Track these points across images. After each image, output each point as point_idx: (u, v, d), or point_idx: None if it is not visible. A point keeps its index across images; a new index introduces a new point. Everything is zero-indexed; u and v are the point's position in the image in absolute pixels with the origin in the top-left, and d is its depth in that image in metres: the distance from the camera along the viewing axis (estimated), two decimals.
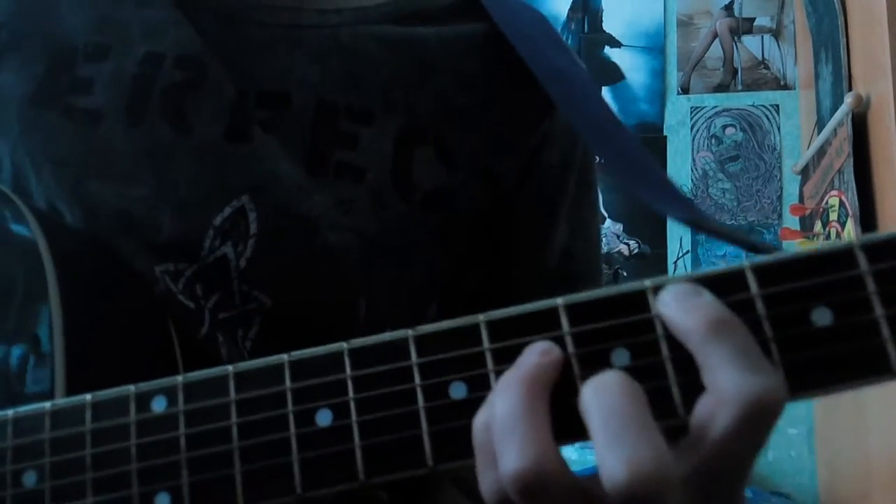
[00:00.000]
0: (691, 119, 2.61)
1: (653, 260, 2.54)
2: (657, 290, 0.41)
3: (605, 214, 2.56)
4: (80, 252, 0.57)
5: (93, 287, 0.56)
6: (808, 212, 2.33)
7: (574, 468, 0.40)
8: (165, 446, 0.42)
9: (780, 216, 2.50)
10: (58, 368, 0.51)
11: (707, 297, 0.40)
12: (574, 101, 0.67)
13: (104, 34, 0.64)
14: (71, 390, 0.50)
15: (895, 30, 1.89)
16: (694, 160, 2.58)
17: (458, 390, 0.41)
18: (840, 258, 0.40)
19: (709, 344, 0.38)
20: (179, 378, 0.43)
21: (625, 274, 2.54)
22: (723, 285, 0.40)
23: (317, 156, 0.64)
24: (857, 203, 1.98)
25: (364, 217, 0.63)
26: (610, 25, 2.71)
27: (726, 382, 0.38)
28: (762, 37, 2.64)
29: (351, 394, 0.42)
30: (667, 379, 0.40)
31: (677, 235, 2.55)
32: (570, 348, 0.41)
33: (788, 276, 0.40)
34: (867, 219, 1.97)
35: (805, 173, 2.41)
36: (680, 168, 2.58)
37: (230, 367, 0.43)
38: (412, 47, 0.69)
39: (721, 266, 0.41)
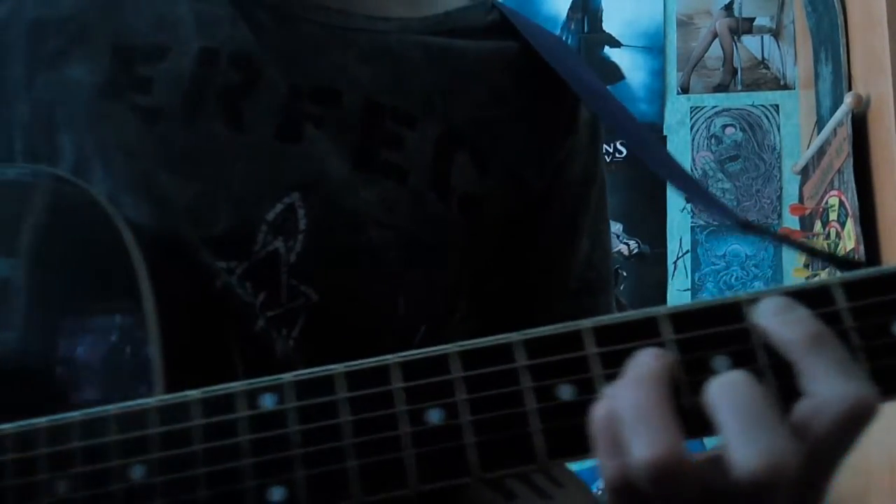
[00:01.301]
0: (691, 119, 2.62)
1: (653, 260, 2.54)
2: (752, 302, 0.45)
3: None
4: (150, 243, 0.58)
5: (168, 279, 0.57)
6: (807, 212, 2.34)
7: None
8: (278, 442, 0.44)
9: (779, 216, 2.51)
10: (156, 362, 0.53)
11: (803, 311, 0.44)
12: (608, 110, 0.73)
13: (162, 34, 0.66)
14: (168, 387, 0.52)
15: (895, 30, 1.90)
16: (694, 160, 2.58)
17: (565, 392, 0.44)
18: None
19: (810, 354, 0.42)
20: (288, 376, 0.45)
21: (624, 274, 2.54)
22: (812, 299, 0.44)
23: (364, 153, 0.67)
24: (856, 203, 1.99)
25: (405, 216, 0.66)
26: (610, 25, 2.70)
27: (828, 389, 0.42)
28: (762, 37, 2.65)
29: (462, 395, 0.44)
30: (764, 384, 0.43)
31: (677, 235, 2.55)
32: (671, 355, 0.44)
33: (871, 291, 0.44)
34: (867, 219, 1.99)
35: (805, 173, 2.42)
36: None
37: (339, 367, 0.45)
38: (452, 58, 0.72)
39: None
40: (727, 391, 0.42)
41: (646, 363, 0.43)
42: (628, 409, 0.42)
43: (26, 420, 0.46)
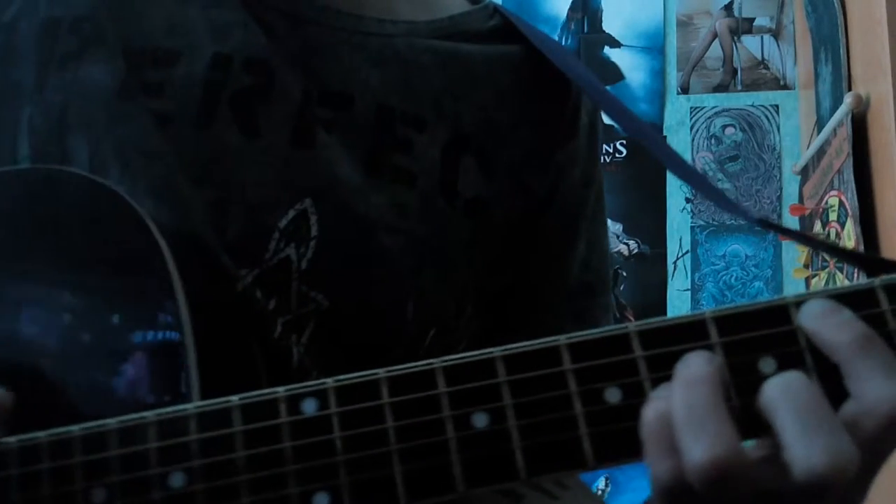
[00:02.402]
0: (691, 119, 2.62)
1: (652, 260, 2.54)
2: (799, 304, 0.45)
3: None
4: (174, 245, 0.57)
5: (193, 282, 0.56)
6: (807, 212, 2.34)
7: None
8: (321, 447, 0.44)
9: (779, 216, 2.51)
10: (192, 367, 0.52)
11: (848, 314, 0.44)
12: (613, 108, 0.74)
13: (173, 39, 0.65)
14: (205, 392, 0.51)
15: (895, 30, 1.90)
16: (693, 160, 2.58)
17: (612, 395, 0.44)
18: None
19: (858, 357, 0.43)
20: (329, 381, 0.45)
21: (624, 274, 2.54)
22: (857, 300, 0.45)
23: (375, 158, 0.66)
24: (856, 203, 1.99)
25: (414, 220, 0.66)
26: (609, 25, 2.70)
27: (875, 391, 0.42)
28: (762, 37, 2.65)
29: (507, 399, 0.44)
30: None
31: (677, 235, 2.55)
32: (720, 357, 0.44)
33: None
34: (867, 219, 1.98)
35: (805, 173, 2.42)
36: None
37: (381, 372, 0.45)
38: (459, 62, 0.73)
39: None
40: (786, 392, 0.42)
41: (697, 365, 0.43)
42: (682, 411, 0.42)
43: (61, 428, 0.45)
